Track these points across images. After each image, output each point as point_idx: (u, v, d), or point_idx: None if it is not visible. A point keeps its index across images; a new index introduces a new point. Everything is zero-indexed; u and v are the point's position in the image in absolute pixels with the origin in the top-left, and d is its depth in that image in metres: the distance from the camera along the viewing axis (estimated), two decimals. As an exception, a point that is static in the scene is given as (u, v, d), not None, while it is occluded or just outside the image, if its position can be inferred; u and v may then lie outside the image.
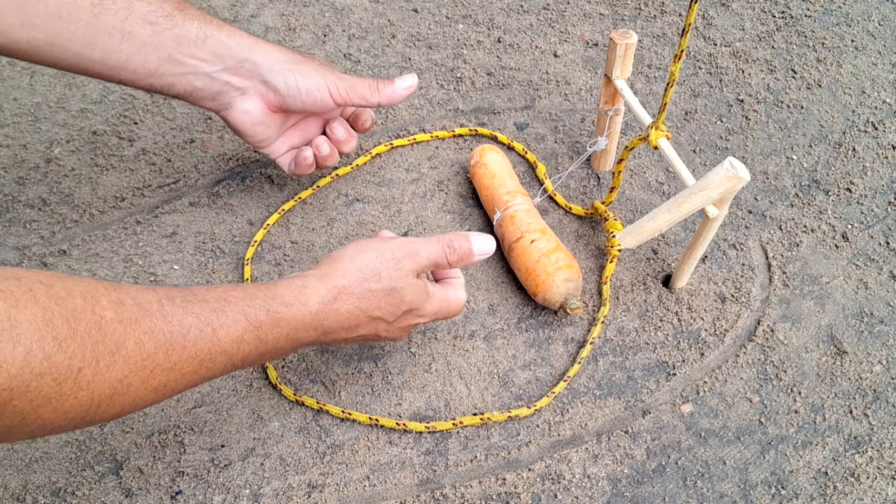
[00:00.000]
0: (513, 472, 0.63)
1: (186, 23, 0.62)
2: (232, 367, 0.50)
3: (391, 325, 0.59)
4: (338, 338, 0.56)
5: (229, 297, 0.49)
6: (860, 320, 0.72)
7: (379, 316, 0.57)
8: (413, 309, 0.59)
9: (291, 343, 0.53)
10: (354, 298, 0.55)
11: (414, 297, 0.58)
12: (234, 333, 0.48)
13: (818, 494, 0.62)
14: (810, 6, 0.99)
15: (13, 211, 0.80)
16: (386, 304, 0.56)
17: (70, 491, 0.62)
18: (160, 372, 0.44)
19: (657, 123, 0.63)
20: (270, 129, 0.70)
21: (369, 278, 0.56)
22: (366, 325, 0.57)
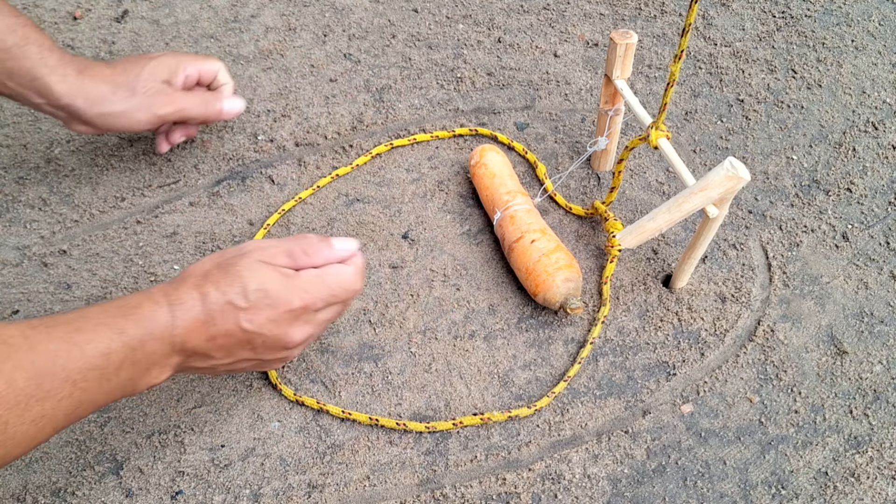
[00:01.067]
0: (513, 472, 0.63)
1: (22, 59, 0.67)
2: (109, 387, 0.49)
3: (253, 315, 0.53)
4: (202, 337, 0.53)
5: (86, 313, 0.49)
6: (860, 320, 0.72)
7: (225, 300, 0.53)
8: (266, 290, 0.54)
9: (160, 345, 0.51)
10: (194, 286, 0.53)
11: (260, 276, 0.54)
12: (101, 346, 0.48)
13: (818, 494, 0.62)
14: (810, 6, 0.99)
15: (13, 211, 0.80)
16: (228, 286, 0.53)
17: (70, 491, 0.62)
18: (35, 403, 0.44)
19: (657, 123, 0.63)
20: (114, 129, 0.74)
21: (208, 266, 0.55)
22: (222, 317, 0.53)
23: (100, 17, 0.99)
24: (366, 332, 0.72)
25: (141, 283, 0.75)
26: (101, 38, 0.96)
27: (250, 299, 0.53)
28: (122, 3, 1.01)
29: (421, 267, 0.76)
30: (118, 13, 0.99)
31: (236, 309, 0.53)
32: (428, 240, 0.78)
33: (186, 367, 0.55)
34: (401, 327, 0.72)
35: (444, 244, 0.78)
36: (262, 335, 0.55)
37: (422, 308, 0.73)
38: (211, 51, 0.95)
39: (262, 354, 0.57)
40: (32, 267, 0.76)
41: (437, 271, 0.76)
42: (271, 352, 0.57)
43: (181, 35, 0.97)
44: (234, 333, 0.54)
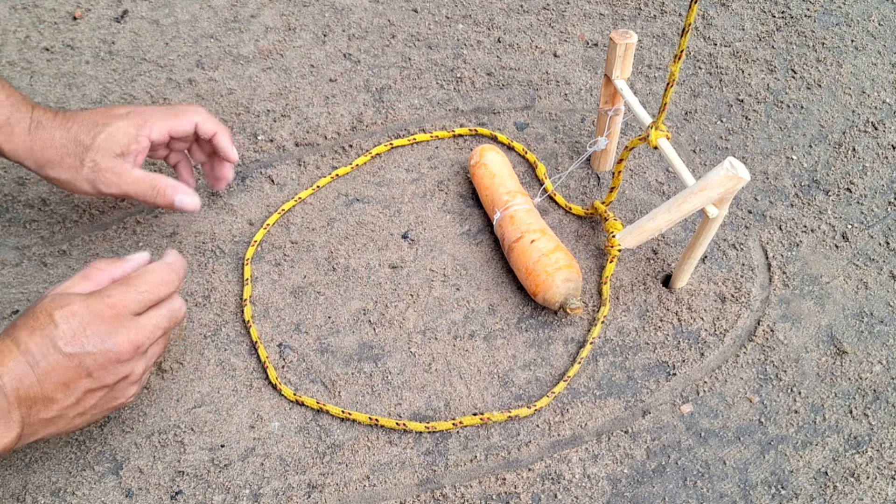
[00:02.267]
0: (513, 472, 0.63)
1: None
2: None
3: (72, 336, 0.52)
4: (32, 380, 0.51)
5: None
6: (860, 320, 0.72)
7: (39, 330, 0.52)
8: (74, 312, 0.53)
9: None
10: (5, 334, 0.53)
11: (62, 301, 0.53)
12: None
13: (818, 494, 0.62)
14: (810, 6, 0.99)
15: (13, 211, 0.80)
16: (31, 319, 0.53)
17: (70, 491, 0.62)
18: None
19: (657, 123, 0.63)
20: None
21: (15, 319, 0.54)
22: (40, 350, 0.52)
23: (99, 17, 0.99)
24: (365, 332, 0.72)
25: None
26: (101, 37, 0.96)
27: (60, 324, 0.52)
28: (122, 2, 1.01)
29: (421, 267, 0.76)
30: (118, 13, 0.99)
31: (51, 338, 0.52)
32: (428, 240, 0.78)
33: (34, 423, 0.52)
34: (401, 327, 0.72)
35: (443, 244, 0.78)
36: (89, 353, 0.53)
37: (422, 308, 0.73)
38: (211, 51, 0.95)
39: (102, 379, 0.54)
40: (32, 267, 0.76)
41: (437, 271, 0.76)
42: (109, 371, 0.54)
43: (181, 35, 0.97)
44: (61, 363, 0.52)
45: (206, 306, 0.73)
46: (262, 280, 0.75)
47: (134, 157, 0.67)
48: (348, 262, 0.76)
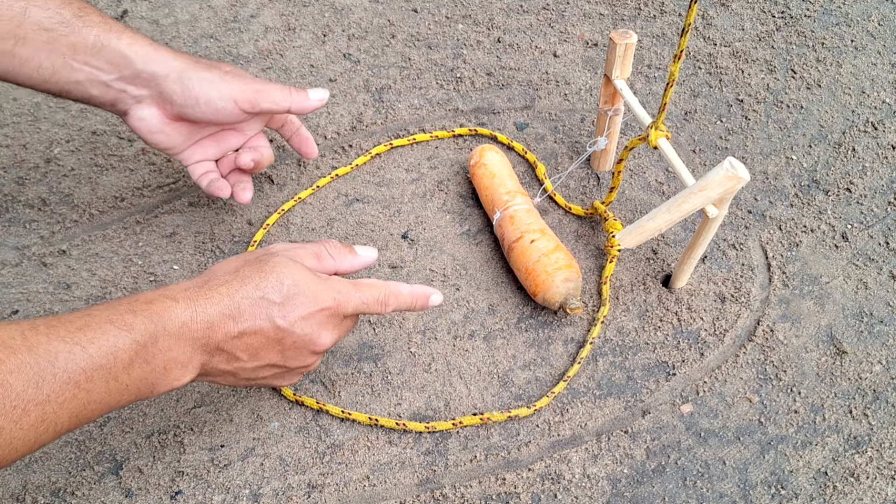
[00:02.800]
0: (513, 472, 0.63)
1: (84, 30, 0.60)
2: (118, 387, 0.47)
3: (287, 311, 0.52)
4: (229, 333, 0.51)
5: (93, 311, 0.47)
6: (860, 320, 0.72)
7: (259, 295, 0.51)
8: (300, 286, 0.52)
9: (179, 344, 0.49)
10: (223, 282, 0.51)
11: (294, 273, 0.53)
12: (107, 345, 0.45)
13: (818, 494, 0.62)
14: (810, 6, 0.99)
15: (13, 211, 0.80)
16: (262, 280, 0.52)
17: (70, 491, 0.62)
18: (34, 408, 0.42)
19: (657, 123, 0.63)
20: (173, 139, 0.67)
21: (237, 264, 0.53)
22: (251, 311, 0.51)
23: (99, 16, 0.99)
24: (365, 331, 0.72)
25: (140, 283, 0.75)
26: (101, 37, 0.96)
27: (284, 293, 0.52)
28: (122, 2, 1.00)
29: (420, 267, 0.76)
30: (118, 13, 0.99)
31: (270, 304, 0.51)
32: (427, 240, 0.78)
33: (209, 370, 0.52)
34: (400, 327, 0.72)
35: (443, 244, 0.78)
36: (294, 334, 0.53)
37: (421, 308, 0.73)
38: (210, 51, 0.95)
39: (289, 360, 0.55)
40: (32, 267, 0.76)
41: (437, 271, 0.76)
42: (299, 356, 0.55)
43: (181, 35, 0.97)
44: (265, 331, 0.52)
45: (205, 306, 0.73)
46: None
47: None
48: (348, 262, 0.76)
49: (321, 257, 0.57)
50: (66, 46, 0.59)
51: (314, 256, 0.57)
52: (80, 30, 0.60)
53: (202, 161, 0.71)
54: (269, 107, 0.65)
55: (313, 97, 0.67)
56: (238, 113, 0.65)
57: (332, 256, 0.58)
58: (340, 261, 0.58)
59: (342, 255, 0.59)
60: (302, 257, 0.56)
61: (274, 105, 0.66)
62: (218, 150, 0.72)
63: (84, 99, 0.63)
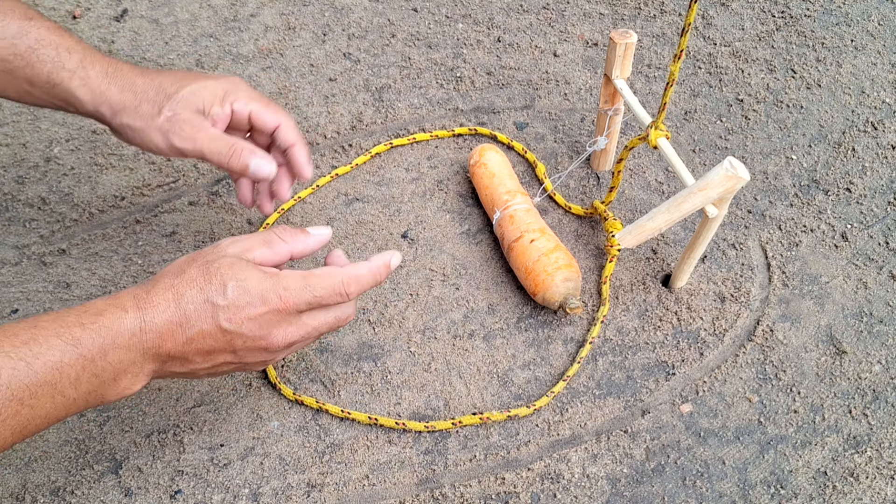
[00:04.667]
0: (512, 471, 0.63)
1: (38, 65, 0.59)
2: (64, 402, 0.46)
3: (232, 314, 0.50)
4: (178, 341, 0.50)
5: (40, 323, 0.46)
6: (860, 320, 0.72)
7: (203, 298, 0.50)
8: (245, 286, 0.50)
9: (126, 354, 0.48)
10: (168, 286, 0.50)
11: (239, 272, 0.51)
12: (52, 359, 0.44)
13: (817, 494, 0.62)
14: (810, 6, 0.99)
15: (13, 210, 0.80)
16: (206, 283, 0.50)
17: (69, 490, 0.62)
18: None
19: (657, 123, 0.63)
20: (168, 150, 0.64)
21: (183, 265, 0.52)
22: (197, 316, 0.50)
23: (99, 16, 0.99)
24: (365, 331, 0.72)
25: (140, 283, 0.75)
26: (101, 37, 0.96)
27: (229, 296, 0.50)
28: (122, 2, 1.00)
29: (420, 266, 0.76)
30: (118, 12, 0.99)
31: (215, 307, 0.50)
32: (427, 239, 0.78)
33: (164, 373, 0.52)
34: (400, 327, 0.72)
35: (443, 244, 0.78)
36: (243, 335, 0.52)
37: (421, 307, 0.73)
38: (210, 50, 0.95)
39: (243, 357, 0.53)
40: (32, 266, 0.76)
41: (437, 271, 0.76)
42: (253, 354, 0.54)
43: (181, 34, 0.97)
44: (213, 334, 0.51)
45: (205, 305, 0.73)
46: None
47: (213, 120, 0.61)
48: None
49: (272, 243, 0.55)
50: (23, 78, 0.60)
51: (264, 244, 0.55)
52: (34, 64, 0.60)
53: None
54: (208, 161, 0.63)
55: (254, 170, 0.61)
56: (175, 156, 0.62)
57: (283, 240, 0.55)
58: (293, 243, 0.56)
59: (294, 236, 0.56)
60: (251, 248, 0.54)
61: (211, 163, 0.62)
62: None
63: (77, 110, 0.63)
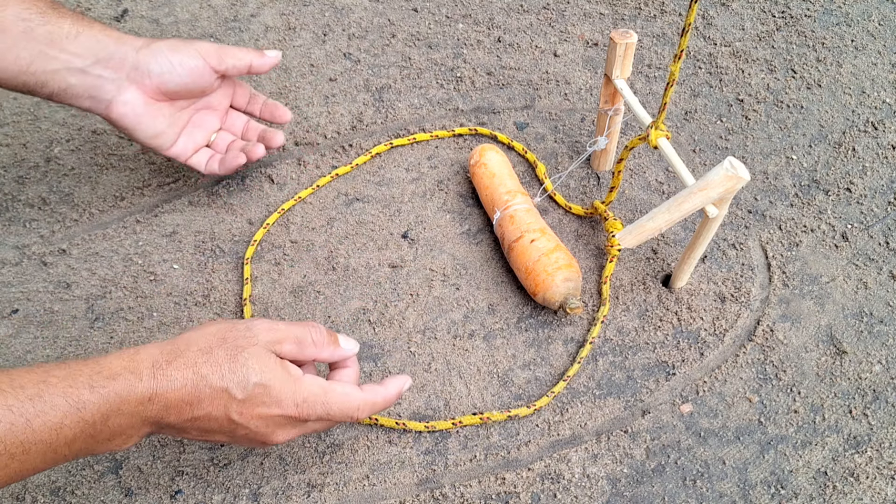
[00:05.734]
0: (512, 471, 0.63)
1: (60, 20, 0.63)
2: (55, 457, 0.45)
3: (245, 409, 0.50)
4: (183, 417, 0.49)
5: (50, 378, 0.45)
6: (860, 320, 0.72)
7: (223, 387, 0.49)
8: (267, 386, 0.50)
9: (129, 419, 0.47)
10: (191, 364, 0.49)
11: (265, 369, 0.50)
12: (53, 420, 0.44)
13: (817, 494, 0.62)
14: (810, 6, 0.99)
15: (13, 210, 0.80)
16: (230, 372, 0.49)
17: (69, 490, 0.62)
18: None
19: (657, 123, 0.63)
20: (160, 123, 0.70)
21: (212, 343, 0.50)
22: (210, 401, 0.49)
23: (99, 15, 0.99)
24: (365, 331, 0.72)
25: (140, 283, 0.75)
26: (101, 37, 0.96)
27: (248, 392, 0.50)
28: (122, 2, 1.00)
29: (420, 266, 0.76)
30: (118, 12, 0.99)
31: (230, 399, 0.50)
32: (427, 239, 0.78)
33: (154, 433, 0.52)
34: (400, 327, 0.72)
35: (443, 244, 0.78)
36: (248, 429, 0.52)
37: (421, 308, 0.73)
38: (211, 50, 0.95)
39: (238, 441, 0.54)
40: (32, 266, 0.76)
41: (437, 271, 0.76)
42: (249, 442, 0.54)
43: (181, 34, 0.97)
44: (219, 420, 0.50)
45: (205, 305, 0.73)
46: (262, 279, 0.75)
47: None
48: (348, 262, 0.77)
49: (303, 344, 0.54)
50: (42, 35, 0.62)
51: (295, 342, 0.54)
52: (55, 20, 0.63)
53: (198, 150, 0.75)
54: (233, 63, 0.71)
55: (269, 55, 0.73)
56: (209, 72, 0.70)
57: (314, 344, 0.55)
58: (321, 351, 0.56)
59: (324, 345, 0.56)
60: (282, 341, 0.53)
61: (237, 60, 0.71)
62: (204, 133, 0.76)
63: (61, 91, 0.64)
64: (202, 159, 0.76)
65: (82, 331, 0.72)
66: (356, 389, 0.55)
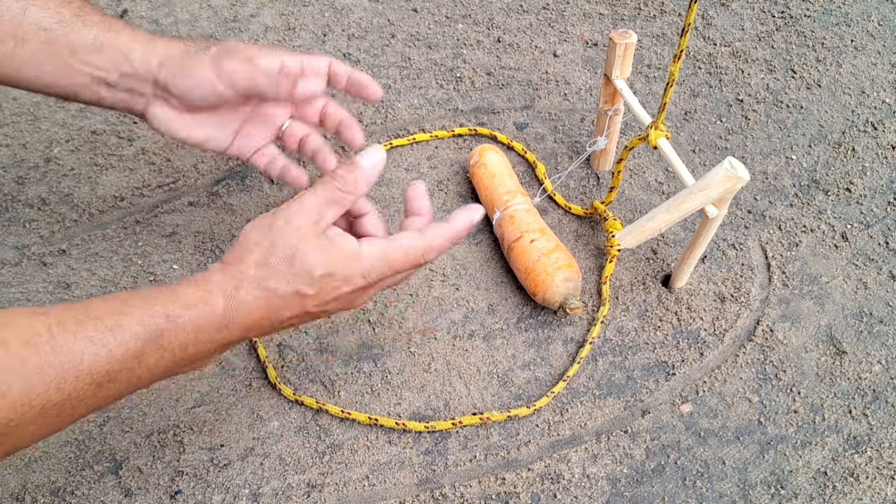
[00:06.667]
0: (512, 471, 0.63)
1: (83, 30, 0.58)
2: (139, 382, 0.47)
3: (320, 299, 0.52)
4: (267, 329, 0.51)
5: (126, 308, 0.46)
6: (859, 320, 0.72)
7: (293, 291, 0.50)
8: (332, 273, 0.51)
9: (206, 346, 0.49)
10: (256, 282, 0.50)
11: (323, 257, 0.51)
12: (134, 348, 0.45)
13: (817, 494, 0.62)
14: (810, 6, 0.99)
15: (13, 210, 0.80)
16: (293, 276, 0.50)
17: (69, 490, 0.62)
18: (52, 406, 0.43)
19: (657, 123, 0.63)
20: (205, 131, 0.62)
21: (265, 252, 0.51)
22: (288, 307, 0.51)
23: (99, 16, 0.99)
24: (365, 331, 0.72)
25: (140, 283, 0.75)
26: (101, 37, 0.96)
27: (317, 286, 0.51)
28: (122, 2, 1.00)
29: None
30: (118, 12, 0.99)
31: (303, 298, 0.51)
32: (427, 239, 0.78)
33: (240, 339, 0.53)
34: (400, 327, 0.72)
35: (443, 244, 0.78)
36: (327, 310, 0.54)
37: (421, 308, 0.73)
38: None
39: (323, 316, 0.55)
40: (32, 266, 0.76)
41: (437, 271, 0.76)
42: (336, 313, 0.55)
43: (181, 34, 0.97)
44: (299, 315, 0.52)
45: (205, 306, 0.73)
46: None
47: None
48: (348, 262, 0.76)
49: (338, 200, 0.53)
50: (64, 47, 0.58)
51: (331, 203, 0.53)
52: (79, 29, 0.58)
53: (259, 150, 0.65)
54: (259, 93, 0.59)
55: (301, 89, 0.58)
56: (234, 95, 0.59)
57: (348, 193, 0.54)
58: (356, 189, 0.54)
59: (354, 185, 0.54)
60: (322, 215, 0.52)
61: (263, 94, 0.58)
62: (267, 131, 0.65)
63: (96, 101, 0.61)
64: (262, 162, 0.66)
65: (82, 331, 0.72)
66: (415, 237, 0.54)
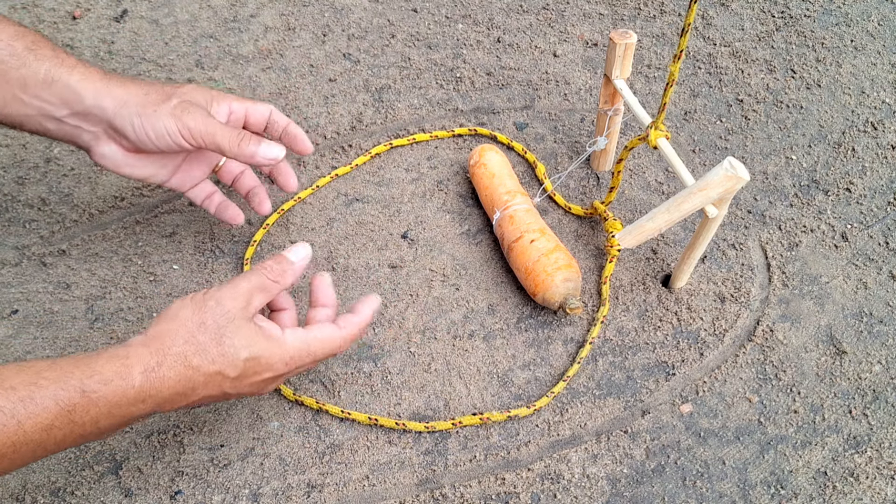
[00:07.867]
0: (512, 471, 0.63)
1: (35, 63, 0.59)
2: (43, 453, 0.47)
3: (239, 382, 0.53)
4: (178, 405, 0.51)
5: (41, 380, 0.46)
6: (859, 320, 0.72)
7: (215, 370, 0.51)
8: (256, 357, 0.53)
9: (118, 420, 0.49)
10: (181, 358, 0.50)
11: (250, 341, 0.52)
12: (43, 422, 0.45)
13: (817, 494, 0.62)
14: (810, 6, 0.99)
15: (13, 210, 0.80)
16: (219, 356, 0.51)
17: (69, 491, 0.62)
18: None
19: (656, 123, 0.63)
20: (147, 169, 0.65)
21: (193, 330, 0.51)
22: (205, 386, 0.51)
23: (99, 16, 0.99)
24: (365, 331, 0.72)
25: (140, 283, 0.75)
26: (101, 37, 0.96)
27: (240, 368, 0.52)
28: (122, 2, 1.00)
29: (420, 267, 0.76)
30: (117, 13, 0.99)
31: (224, 378, 0.52)
32: (427, 240, 0.78)
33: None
34: (400, 327, 0.72)
35: (443, 244, 0.78)
36: (241, 394, 0.55)
37: (421, 308, 0.73)
38: (210, 50, 0.95)
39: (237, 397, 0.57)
40: (32, 267, 0.76)
41: (437, 271, 0.76)
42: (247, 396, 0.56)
43: (180, 35, 0.97)
44: (214, 396, 0.53)
45: (205, 306, 0.73)
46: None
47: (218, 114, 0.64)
48: (348, 262, 0.77)
49: (266, 288, 0.56)
50: (15, 80, 0.58)
51: (259, 290, 0.55)
52: (30, 63, 0.59)
53: (196, 186, 0.70)
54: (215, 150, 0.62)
55: (262, 154, 0.62)
56: (187, 147, 0.62)
57: (274, 281, 0.56)
58: (283, 280, 0.57)
59: (282, 274, 0.57)
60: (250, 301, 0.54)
61: (220, 151, 0.62)
62: (206, 167, 0.70)
63: (41, 132, 0.62)
64: (200, 196, 0.71)
65: (82, 331, 0.72)
66: (333, 329, 0.58)
